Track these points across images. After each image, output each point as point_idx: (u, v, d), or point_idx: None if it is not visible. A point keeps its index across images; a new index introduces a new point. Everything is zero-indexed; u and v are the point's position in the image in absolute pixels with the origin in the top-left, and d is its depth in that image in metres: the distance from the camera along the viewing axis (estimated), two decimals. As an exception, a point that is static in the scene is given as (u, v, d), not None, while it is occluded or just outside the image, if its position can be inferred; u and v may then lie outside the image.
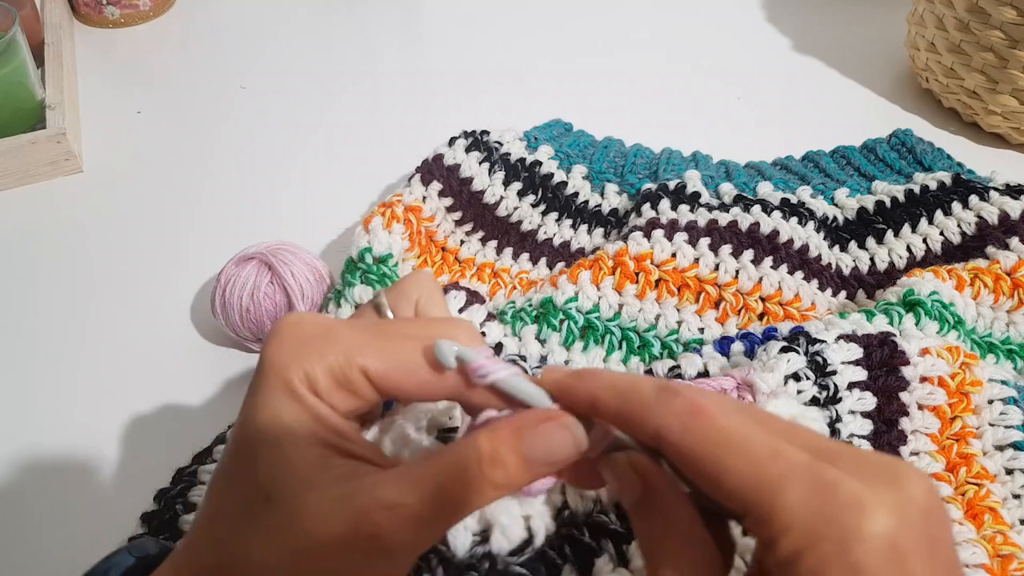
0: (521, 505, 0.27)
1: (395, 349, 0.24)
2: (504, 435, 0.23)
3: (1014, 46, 0.57)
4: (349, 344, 0.24)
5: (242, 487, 0.23)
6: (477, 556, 0.26)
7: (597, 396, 0.23)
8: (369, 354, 0.24)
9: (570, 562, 0.27)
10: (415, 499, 0.22)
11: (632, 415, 0.23)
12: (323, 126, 0.67)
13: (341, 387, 0.23)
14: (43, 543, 0.40)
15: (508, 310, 0.46)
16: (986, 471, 0.37)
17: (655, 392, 0.22)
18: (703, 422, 0.21)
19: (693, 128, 0.65)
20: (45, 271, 0.55)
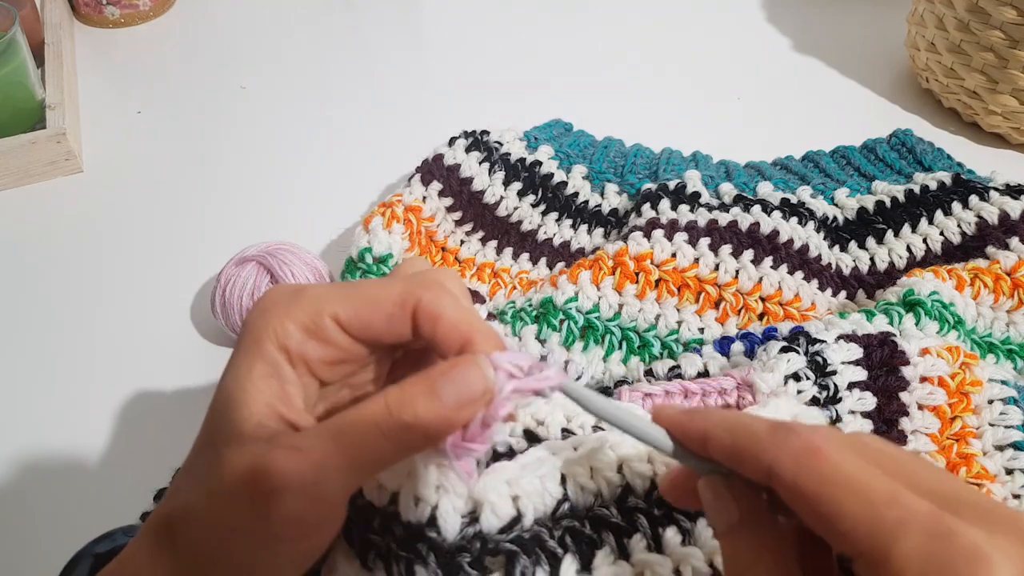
0: (510, 485, 0.27)
1: (361, 291, 0.25)
2: (414, 380, 0.23)
3: (1014, 46, 0.57)
4: (318, 296, 0.25)
5: (198, 438, 0.25)
6: (468, 537, 0.26)
7: (709, 433, 0.23)
8: (337, 301, 0.25)
9: (571, 552, 0.27)
10: (315, 443, 0.23)
11: (744, 452, 0.22)
12: (323, 126, 0.67)
13: (312, 336, 0.25)
14: (43, 543, 0.40)
15: (508, 310, 0.46)
16: (986, 471, 0.37)
17: (770, 430, 0.22)
18: (819, 463, 0.21)
19: (693, 128, 0.65)
20: (45, 271, 0.55)
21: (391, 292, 0.25)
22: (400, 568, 0.26)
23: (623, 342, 0.45)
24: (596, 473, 0.29)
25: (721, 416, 0.24)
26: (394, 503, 0.27)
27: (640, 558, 0.28)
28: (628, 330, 0.45)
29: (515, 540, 0.26)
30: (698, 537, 0.28)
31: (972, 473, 0.37)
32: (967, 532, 0.19)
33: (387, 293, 0.25)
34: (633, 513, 0.28)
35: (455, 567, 0.25)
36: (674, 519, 0.28)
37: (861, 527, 0.20)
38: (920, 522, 0.19)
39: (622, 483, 0.29)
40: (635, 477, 0.29)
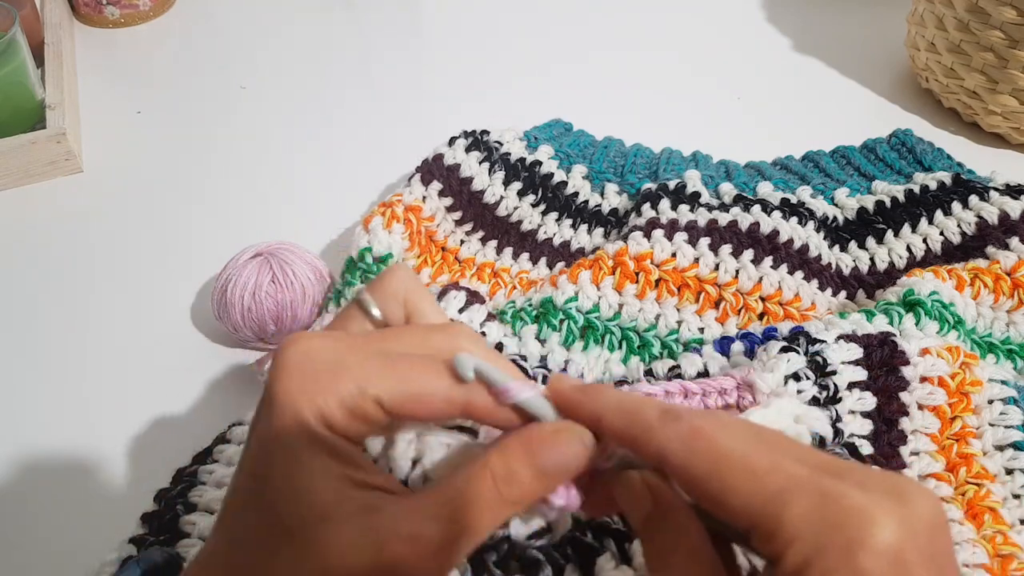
0: None
1: (407, 376, 0.24)
2: (516, 452, 0.23)
3: (1014, 46, 0.57)
4: (360, 375, 0.23)
5: (260, 519, 0.23)
6: (496, 538, 0.26)
7: (602, 415, 0.24)
8: (382, 384, 0.23)
9: (573, 562, 0.27)
10: (434, 529, 0.22)
11: (636, 438, 0.23)
12: (323, 126, 0.67)
13: (355, 419, 0.23)
14: (43, 543, 0.40)
15: (508, 310, 0.46)
16: (986, 471, 0.37)
17: (658, 415, 0.23)
18: (703, 444, 0.21)
19: (693, 128, 0.64)
20: (45, 271, 0.55)
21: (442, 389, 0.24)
22: None
23: (623, 342, 0.45)
24: None
25: (615, 398, 0.24)
26: None
27: (641, 562, 0.28)
28: (628, 330, 0.45)
29: (542, 548, 0.26)
30: None
31: (972, 473, 0.37)
32: (853, 494, 0.19)
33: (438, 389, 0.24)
34: None
35: (481, 565, 0.26)
36: None
37: (750, 499, 0.20)
38: (805, 486, 0.20)
39: None
40: None
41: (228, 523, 0.24)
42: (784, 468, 0.20)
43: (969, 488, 0.36)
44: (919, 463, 0.37)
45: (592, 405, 0.24)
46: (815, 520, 0.19)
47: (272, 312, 0.46)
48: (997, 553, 0.34)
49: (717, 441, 0.21)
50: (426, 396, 0.24)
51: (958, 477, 0.37)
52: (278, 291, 0.46)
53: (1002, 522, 0.35)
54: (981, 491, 0.36)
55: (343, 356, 0.24)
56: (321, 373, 0.23)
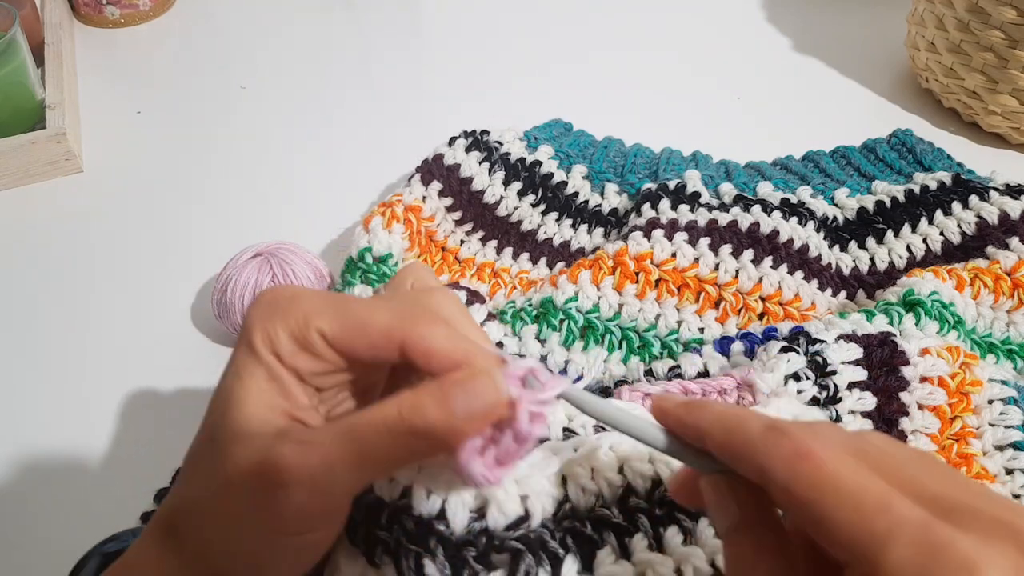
0: (518, 484, 0.27)
1: (350, 310, 0.25)
2: (428, 386, 0.23)
3: (1014, 46, 0.57)
4: (309, 307, 0.25)
5: (199, 435, 0.25)
6: (474, 532, 0.26)
7: (704, 429, 0.23)
8: (326, 316, 0.25)
9: (572, 552, 0.27)
10: (324, 438, 0.23)
11: (738, 452, 0.22)
12: (323, 126, 0.67)
13: (301, 348, 0.25)
14: (43, 543, 0.40)
15: (508, 310, 0.46)
16: (986, 471, 0.37)
17: (762, 431, 0.22)
18: (810, 468, 0.20)
19: (693, 128, 0.65)
20: (45, 271, 0.55)
21: (379, 320, 0.25)
22: (409, 562, 0.26)
23: (623, 342, 0.45)
24: (597, 474, 0.29)
25: (718, 412, 0.23)
26: (406, 496, 0.27)
27: (641, 557, 0.28)
28: (628, 330, 0.45)
29: (521, 539, 0.26)
30: (700, 537, 0.28)
31: (972, 473, 0.37)
32: (959, 541, 0.18)
33: (375, 319, 0.25)
34: (634, 513, 0.28)
35: (461, 561, 0.26)
36: (676, 519, 0.28)
37: (851, 535, 0.19)
38: (911, 531, 0.19)
39: (623, 483, 0.29)
40: (636, 477, 0.29)
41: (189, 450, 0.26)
42: (894, 508, 0.19)
43: (969, 488, 0.36)
44: (919, 463, 0.37)
45: (694, 420, 0.24)
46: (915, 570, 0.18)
47: (272, 312, 0.46)
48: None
49: (824, 467, 0.20)
50: (364, 326, 0.25)
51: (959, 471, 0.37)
52: (278, 291, 0.46)
53: (1002, 522, 0.35)
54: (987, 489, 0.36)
55: (300, 294, 0.25)
56: (277, 302, 0.25)
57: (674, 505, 0.28)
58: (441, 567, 0.25)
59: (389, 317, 0.25)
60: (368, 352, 0.25)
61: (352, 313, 0.25)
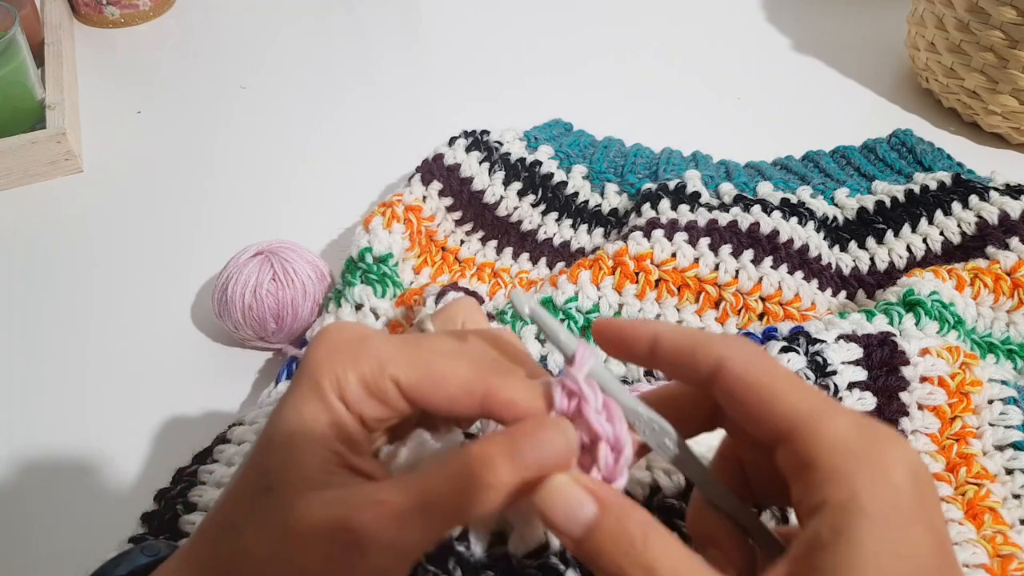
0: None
1: (427, 361, 0.24)
2: (496, 438, 0.23)
3: (1014, 46, 0.57)
4: (382, 353, 0.24)
5: (249, 477, 0.24)
6: (495, 556, 0.26)
7: (659, 335, 0.24)
8: (401, 364, 0.24)
9: (572, 567, 0.27)
10: (401, 497, 0.22)
11: (696, 348, 0.24)
12: (323, 126, 0.67)
13: (371, 395, 0.24)
14: (43, 543, 0.40)
15: (508, 310, 0.46)
16: (986, 471, 0.37)
17: (721, 336, 0.24)
18: (765, 359, 0.23)
19: (693, 128, 0.65)
20: (45, 271, 0.55)
21: (459, 375, 0.24)
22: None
23: (623, 342, 0.45)
24: None
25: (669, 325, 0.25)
26: None
27: None
28: (628, 330, 0.45)
29: (540, 567, 0.26)
30: None
31: (972, 473, 0.37)
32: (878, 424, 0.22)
33: (455, 374, 0.24)
34: None
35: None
36: (675, 525, 0.28)
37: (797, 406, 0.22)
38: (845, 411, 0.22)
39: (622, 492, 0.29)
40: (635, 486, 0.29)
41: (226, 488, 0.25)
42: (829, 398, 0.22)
43: (969, 488, 0.36)
44: (919, 463, 0.37)
45: (647, 327, 0.25)
46: (855, 434, 0.21)
47: (273, 310, 0.46)
48: (997, 553, 0.34)
49: (774, 361, 0.23)
50: (443, 379, 0.24)
51: (958, 477, 0.37)
52: (279, 289, 0.46)
53: (1002, 522, 0.35)
54: (981, 491, 0.36)
55: (371, 337, 0.25)
56: (346, 344, 0.24)
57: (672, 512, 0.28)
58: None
59: (469, 371, 0.24)
60: (444, 405, 0.24)
61: (430, 365, 0.24)
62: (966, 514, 0.35)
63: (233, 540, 0.23)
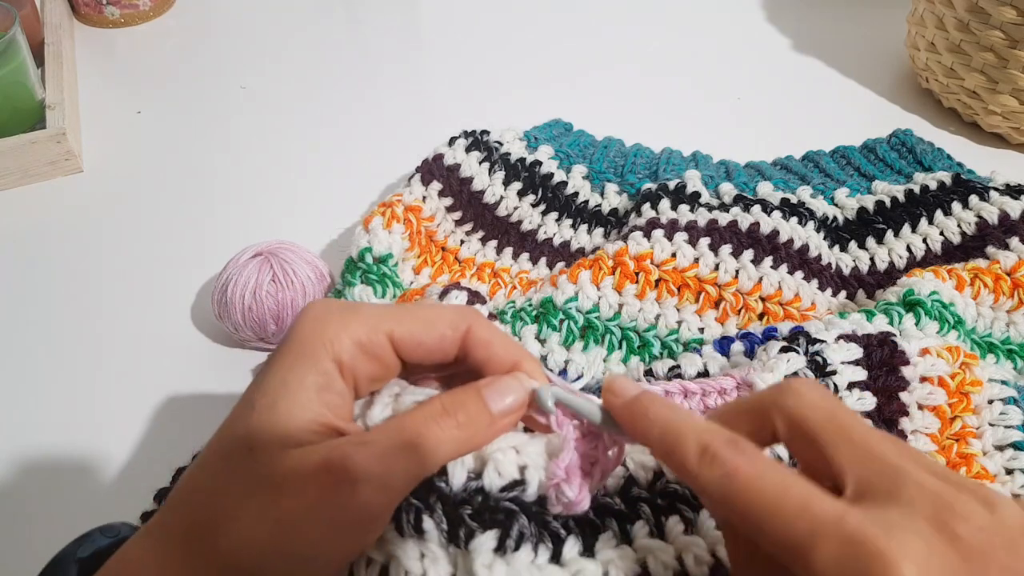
0: (518, 452, 0.28)
1: (415, 313, 0.27)
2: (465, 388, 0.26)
3: (1014, 46, 0.57)
4: (373, 314, 0.26)
5: (228, 442, 0.25)
6: (471, 490, 0.27)
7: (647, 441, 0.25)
8: (392, 320, 0.26)
9: (574, 534, 0.27)
10: (382, 437, 0.24)
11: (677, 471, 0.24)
12: (323, 126, 0.67)
13: (366, 352, 0.25)
14: (43, 543, 0.40)
15: (508, 310, 0.46)
16: (986, 471, 0.37)
17: (697, 455, 0.23)
18: (738, 487, 0.22)
19: (693, 128, 0.65)
20: (45, 271, 0.55)
21: (444, 315, 0.27)
22: (409, 516, 0.26)
23: (623, 342, 0.45)
24: None
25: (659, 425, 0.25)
26: None
27: (642, 544, 0.28)
28: (628, 330, 0.45)
29: (514, 500, 0.27)
30: (701, 527, 0.28)
31: (972, 473, 0.37)
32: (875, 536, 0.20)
33: (440, 316, 0.27)
34: (636, 502, 0.29)
35: (458, 518, 0.26)
36: (677, 509, 0.29)
37: (781, 541, 0.21)
38: (830, 530, 0.20)
39: (624, 474, 0.29)
40: (639, 469, 0.29)
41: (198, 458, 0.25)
42: (811, 508, 0.21)
43: (969, 488, 0.36)
44: (919, 463, 0.37)
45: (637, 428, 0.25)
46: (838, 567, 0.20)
47: (272, 311, 0.46)
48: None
49: (751, 485, 0.22)
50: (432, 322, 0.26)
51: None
52: (279, 290, 0.46)
53: (1002, 522, 0.35)
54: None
55: (358, 303, 0.27)
56: (339, 311, 0.26)
57: (676, 496, 0.29)
58: (438, 521, 0.26)
59: (452, 311, 0.27)
60: (436, 346, 0.27)
61: (417, 313, 0.27)
62: (966, 514, 0.35)
63: (212, 504, 0.24)
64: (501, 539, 0.26)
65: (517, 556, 0.26)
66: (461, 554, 0.26)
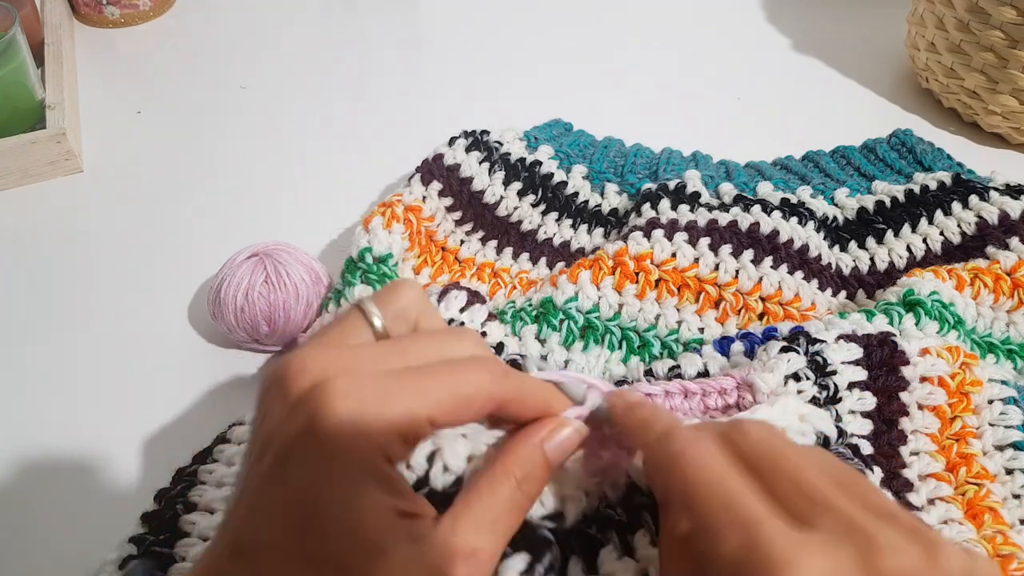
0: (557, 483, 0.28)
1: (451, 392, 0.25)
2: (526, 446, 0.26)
3: (1014, 46, 0.57)
4: (407, 397, 0.24)
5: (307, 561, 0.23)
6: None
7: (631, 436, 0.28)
8: (430, 405, 0.24)
9: (576, 554, 0.27)
10: (480, 539, 0.24)
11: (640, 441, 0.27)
12: (323, 126, 0.67)
13: (410, 443, 0.24)
14: (43, 543, 0.40)
15: (508, 310, 0.46)
16: (986, 471, 0.37)
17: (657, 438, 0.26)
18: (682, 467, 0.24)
19: (693, 128, 0.64)
20: (45, 271, 0.55)
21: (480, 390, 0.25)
22: None
23: (623, 342, 0.45)
24: None
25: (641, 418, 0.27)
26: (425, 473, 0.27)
27: (644, 554, 0.28)
28: (628, 330, 0.45)
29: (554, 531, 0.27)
30: None
31: (972, 473, 0.37)
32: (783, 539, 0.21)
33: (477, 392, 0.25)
34: (638, 510, 0.29)
35: None
36: None
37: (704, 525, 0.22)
38: (740, 528, 0.22)
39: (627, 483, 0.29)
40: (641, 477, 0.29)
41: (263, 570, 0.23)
42: (735, 506, 0.22)
43: (969, 488, 0.36)
44: (919, 463, 0.37)
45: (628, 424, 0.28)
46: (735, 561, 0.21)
47: (264, 312, 0.46)
48: (997, 553, 0.34)
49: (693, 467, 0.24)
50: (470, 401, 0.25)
51: (958, 477, 0.37)
52: (271, 292, 0.46)
53: (1002, 522, 0.35)
54: (981, 491, 0.36)
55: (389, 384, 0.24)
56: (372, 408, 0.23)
57: None
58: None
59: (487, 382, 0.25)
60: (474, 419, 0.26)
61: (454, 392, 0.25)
62: (966, 514, 0.35)
63: None
64: (530, 564, 0.26)
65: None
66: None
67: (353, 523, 0.22)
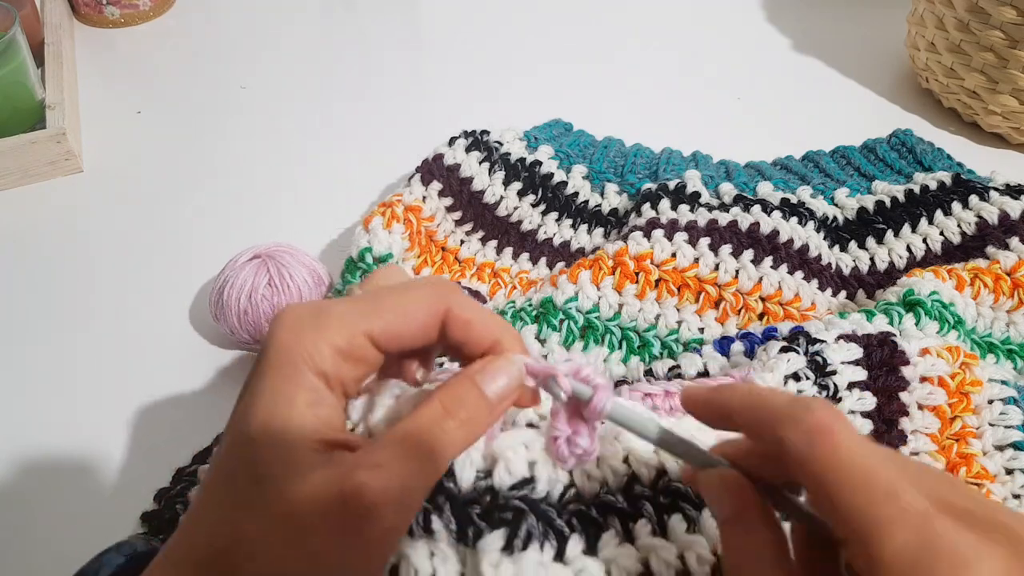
0: (527, 448, 0.28)
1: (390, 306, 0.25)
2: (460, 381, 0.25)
3: (1014, 46, 0.57)
4: (348, 315, 0.25)
5: (234, 473, 0.24)
6: (480, 489, 0.27)
7: (732, 407, 0.24)
8: (368, 318, 0.25)
9: (577, 532, 0.27)
10: (394, 455, 0.23)
11: (762, 423, 0.23)
12: (323, 126, 0.67)
13: (347, 358, 0.24)
14: (43, 543, 0.40)
15: (508, 310, 0.46)
16: (986, 471, 0.37)
17: (788, 403, 0.22)
18: (827, 444, 0.21)
19: (693, 128, 0.65)
20: (44, 271, 0.55)
21: (421, 302, 0.26)
22: (419, 518, 0.26)
23: (623, 342, 0.45)
24: (602, 462, 0.30)
25: (745, 390, 0.24)
26: None
27: (645, 542, 0.28)
28: (628, 330, 0.45)
29: (524, 499, 0.27)
30: (703, 526, 0.28)
31: (972, 473, 0.37)
32: (955, 537, 0.19)
33: (417, 303, 0.26)
34: (638, 500, 0.29)
35: (466, 518, 0.26)
36: (680, 507, 0.29)
37: (857, 516, 0.20)
38: (914, 521, 0.19)
39: (628, 472, 0.30)
40: (641, 466, 0.29)
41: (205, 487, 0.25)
42: (902, 496, 0.20)
43: (969, 488, 0.36)
44: (919, 463, 0.37)
45: (722, 400, 0.25)
46: (911, 559, 0.19)
47: (268, 315, 0.46)
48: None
49: (841, 446, 0.21)
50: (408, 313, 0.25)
51: (958, 477, 0.37)
52: (274, 294, 0.46)
53: (1002, 522, 0.35)
54: (981, 491, 0.36)
55: (328, 305, 0.25)
56: (310, 318, 0.24)
57: (678, 494, 0.29)
58: (447, 522, 0.26)
59: (427, 294, 0.26)
60: (418, 335, 0.26)
61: (393, 306, 0.25)
62: (966, 514, 0.35)
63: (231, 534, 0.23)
64: (509, 538, 0.26)
65: (525, 556, 0.26)
66: (470, 553, 0.26)
67: (276, 430, 0.23)
